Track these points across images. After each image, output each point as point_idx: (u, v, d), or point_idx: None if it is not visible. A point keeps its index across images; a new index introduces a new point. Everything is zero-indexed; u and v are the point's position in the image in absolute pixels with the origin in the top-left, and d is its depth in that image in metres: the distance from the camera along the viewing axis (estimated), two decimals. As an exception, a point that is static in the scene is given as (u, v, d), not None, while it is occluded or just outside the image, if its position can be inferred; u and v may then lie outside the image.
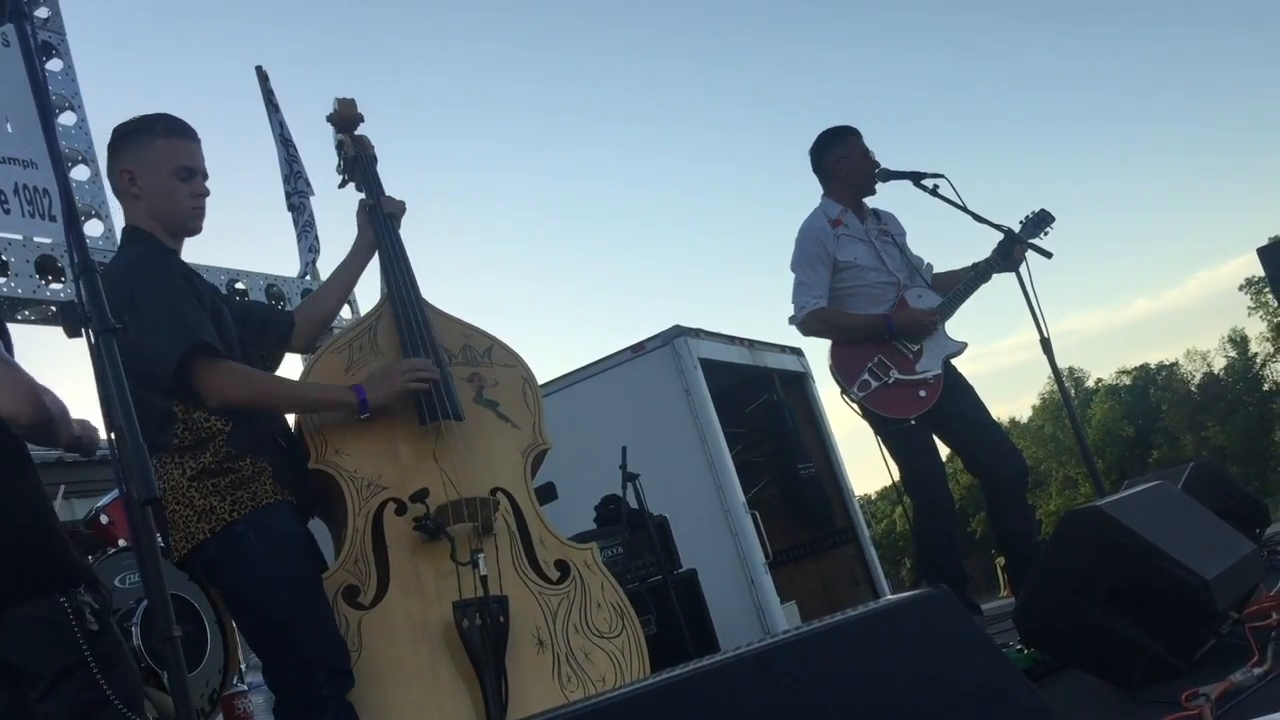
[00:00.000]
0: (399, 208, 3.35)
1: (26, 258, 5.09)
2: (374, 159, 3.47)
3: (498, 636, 2.72)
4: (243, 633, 2.68)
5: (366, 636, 2.65)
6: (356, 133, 3.49)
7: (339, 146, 3.48)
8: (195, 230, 2.88)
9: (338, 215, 3.34)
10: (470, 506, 2.84)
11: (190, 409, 2.64)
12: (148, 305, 2.61)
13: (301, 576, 2.63)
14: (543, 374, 4.05)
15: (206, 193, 2.85)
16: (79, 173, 5.73)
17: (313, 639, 2.55)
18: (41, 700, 2.46)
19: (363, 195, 3.40)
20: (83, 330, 2.13)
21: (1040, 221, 4.64)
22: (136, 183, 2.78)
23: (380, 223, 3.28)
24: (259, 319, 3.09)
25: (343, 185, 3.51)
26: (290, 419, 2.97)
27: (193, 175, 2.83)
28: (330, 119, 3.48)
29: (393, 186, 3.40)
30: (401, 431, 2.96)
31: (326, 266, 5.87)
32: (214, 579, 2.66)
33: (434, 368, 2.95)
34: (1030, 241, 4.55)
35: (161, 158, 2.79)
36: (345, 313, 6.25)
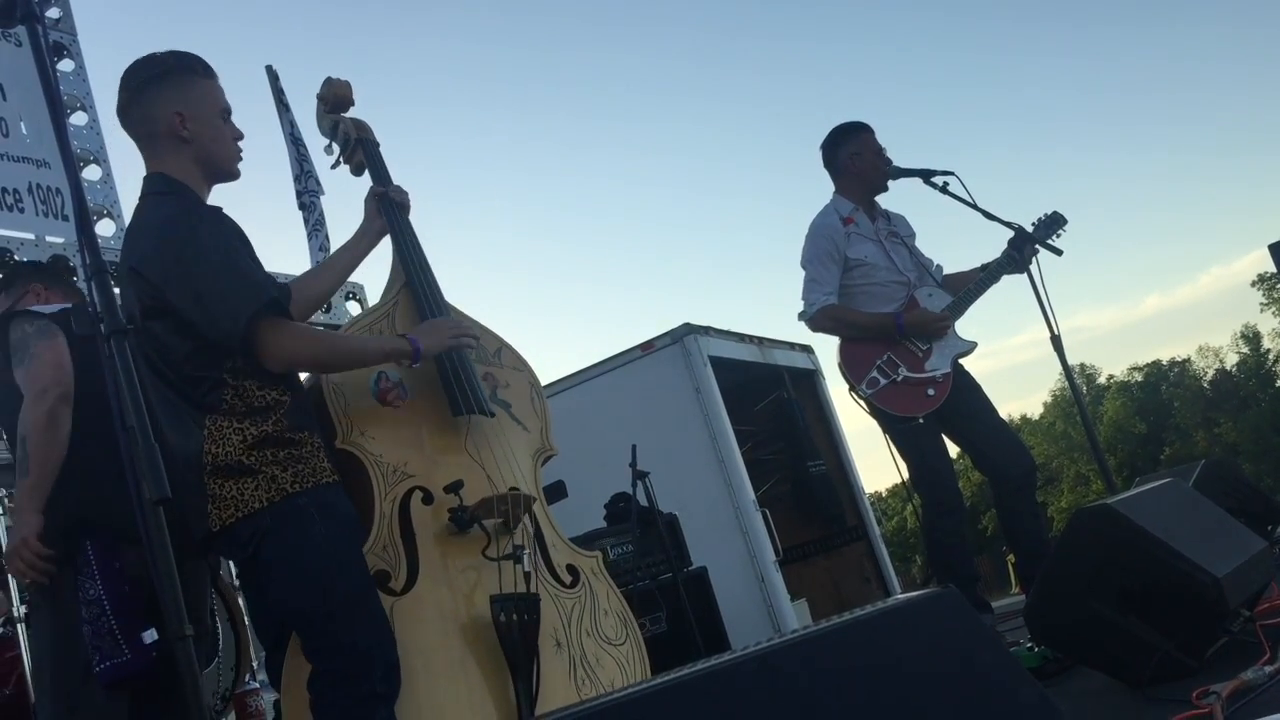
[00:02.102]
0: (405, 198, 3.28)
1: (39, 257, 5.12)
2: (377, 144, 3.38)
3: (532, 633, 2.73)
4: (286, 612, 2.50)
5: (398, 623, 2.59)
6: (349, 115, 3.38)
7: (334, 127, 3.37)
8: (237, 175, 2.78)
9: (347, 214, 3.29)
10: (515, 502, 2.83)
11: (242, 376, 2.51)
12: (204, 267, 2.47)
13: (362, 562, 2.55)
14: (553, 373, 4.06)
15: (242, 135, 2.79)
16: (91, 173, 5.76)
17: (372, 628, 2.46)
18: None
19: (367, 178, 3.31)
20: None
21: (1052, 224, 4.63)
22: (187, 125, 2.65)
23: (392, 209, 3.21)
24: None
25: (335, 166, 3.41)
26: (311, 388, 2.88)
27: (229, 117, 2.76)
28: (321, 97, 3.37)
29: (402, 184, 3.34)
30: (427, 421, 2.92)
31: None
32: (261, 550, 2.45)
33: (476, 333, 2.98)
34: (1032, 252, 4.53)
35: (209, 99, 2.71)
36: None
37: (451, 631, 2.70)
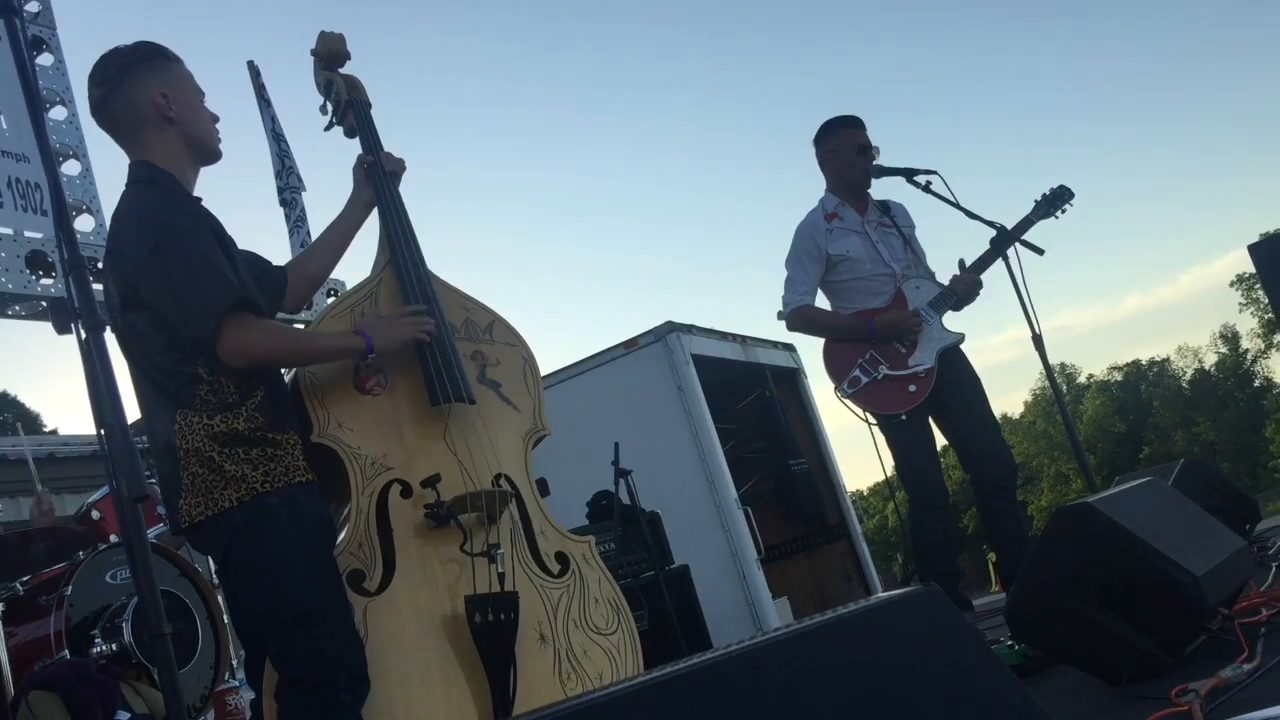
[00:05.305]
0: (399, 166, 3.19)
1: (17, 252, 5.08)
2: (368, 104, 3.29)
3: (509, 634, 2.66)
4: (254, 615, 2.48)
5: (373, 624, 2.55)
6: (344, 71, 3.29)
7: (327, 85, 3.28)
8: (219, 154, 2.77)
9: (329, 211, 3.23)
10: (489, 499, 2.76)
11: (218, 372, 2.46)
12: (178, 264, 2.43)
13: (332, 566, 2.51)
14: (535, 370, 4.00)
15: (218, 117, 2.78)
16: (70, 167, 5.72)
17: (338, 636, 2.41)
18: None
19: (358, 142, 3.23)
20: (72, 326, 2.13)
21: (1057, 199, 4.58)
22: (173, 106, 2.64)
23: (380, 180, 3.12)
24: (256, 272, 2.87)
25: (329, 128, 3.31)
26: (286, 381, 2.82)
27: (204, 99, 2.76)
28: (315, 52, 3.29)
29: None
30: (407, 409, 2.84)
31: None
32: (232, 551, 2.43)
33: (434, 321, 2.85)
34: (1022, 239, 4.54)
35: (185, 81, 2.71)
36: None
37: (429, 631, 2.64)
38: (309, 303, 4.59)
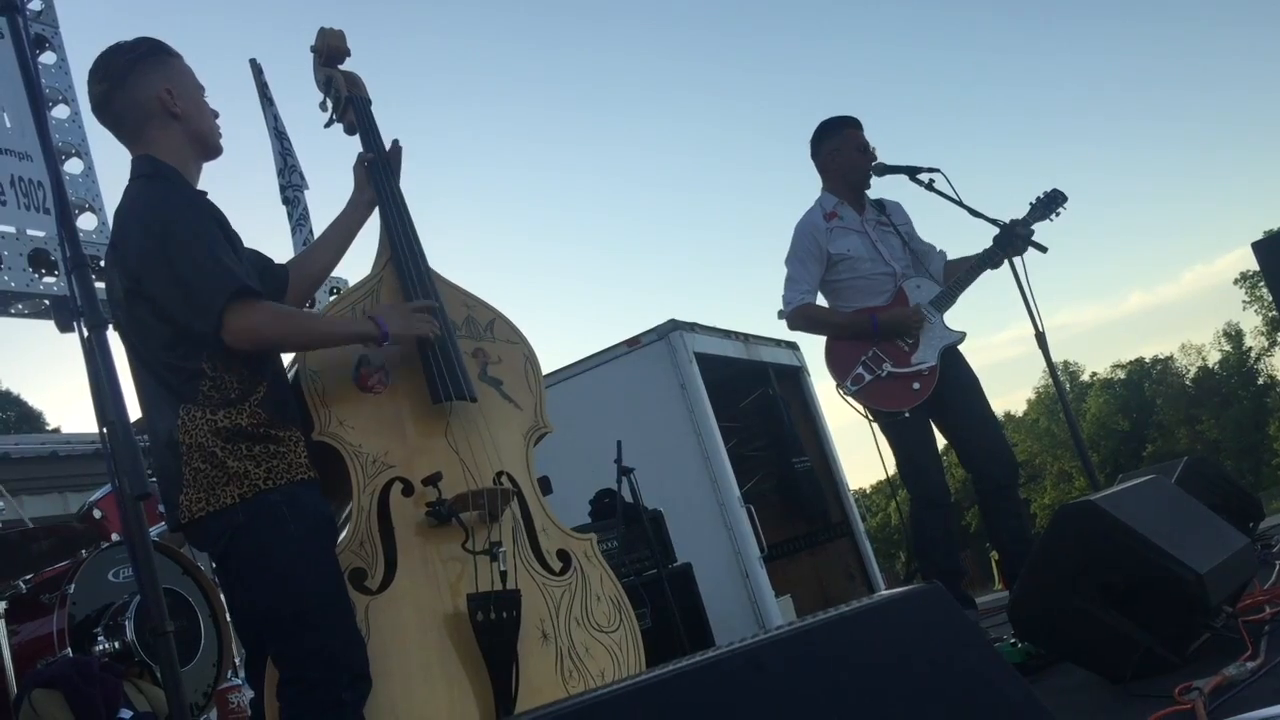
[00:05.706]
0: (396, 154, 3.20)
1: (20, 251, 5.10)
2: (369, 101, 3.29)
3: (511, 631, 2.66)
4: (255, 613, 2.47)
5: (375, 622, 2.55)
6: (344, 68, 3.30)
7: (327, 82, 3.28)
8: (221, 150, 2.77)
9: (331, 208, 3.23)
10: (490, 497, 2.76)
11: (221, 368, 2.45)
12: (183, 258, 2.43)
13: (334, 564, 2.50)
14: (538, 368, 4.00)
15: (218, 113, 2.79)
16: (72, 166, 5.73)
17: (339, 634, 2.40)
18: None
19: (358, 138, 3.23)
20: (75, 325, 2.13)
21: (1051, 202, 4.59)
22: (177, 101, 2.65)
23: (381, 177, 3.13)
24: (258, 269, 2.85)
25: (329, 125, 3.32)
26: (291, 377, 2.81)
27: (204, 94, 2.76)
28: (315, 49, 3.29)
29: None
30: (408, 407, 2.84)
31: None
32: (233, 548, 2.42)
33: (436, 327, 2.85)
34: (1027, 235, 4.53)
35: (187, 76, 2.72)
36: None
37: (430, 630, 2.63)
38: (311, 300, 4.60)
